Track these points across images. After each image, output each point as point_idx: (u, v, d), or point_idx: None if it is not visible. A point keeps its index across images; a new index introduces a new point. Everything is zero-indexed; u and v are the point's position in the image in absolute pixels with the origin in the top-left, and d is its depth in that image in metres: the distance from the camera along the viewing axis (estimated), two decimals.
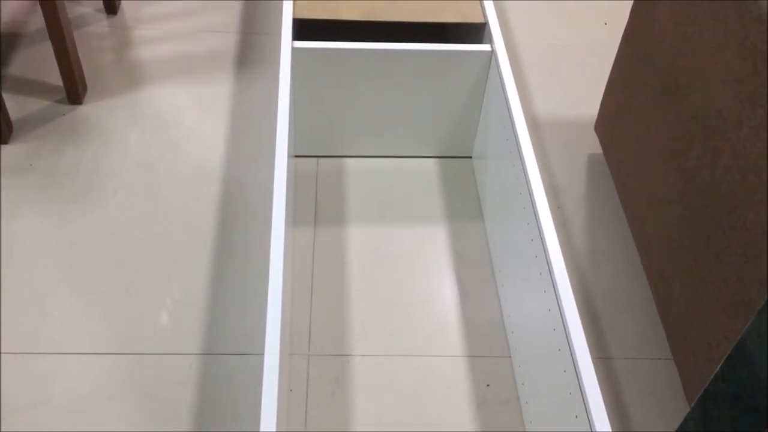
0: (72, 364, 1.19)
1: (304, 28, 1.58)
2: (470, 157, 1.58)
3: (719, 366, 0.73)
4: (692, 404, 0.79)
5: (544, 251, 1.07)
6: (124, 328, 1.25)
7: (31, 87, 1.66)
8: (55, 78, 1.67)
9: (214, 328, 1.25)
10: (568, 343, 0.96)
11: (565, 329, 0.97)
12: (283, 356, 1.01)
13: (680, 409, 1.20)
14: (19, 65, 1.71)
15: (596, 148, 1.62)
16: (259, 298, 1.30)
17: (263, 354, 0.93)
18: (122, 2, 1.90)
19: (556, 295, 1.01)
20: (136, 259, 1.35)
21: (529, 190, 1.15)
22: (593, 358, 1.26)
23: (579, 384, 0.92)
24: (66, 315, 1.26)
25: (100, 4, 1.88)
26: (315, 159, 1.55)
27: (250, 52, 1.79)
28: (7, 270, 1.31)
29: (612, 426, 1.18)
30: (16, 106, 1.60)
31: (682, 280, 1.14)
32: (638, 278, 1.38)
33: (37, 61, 1.72)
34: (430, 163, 1.56)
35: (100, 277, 1.32)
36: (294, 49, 1.36)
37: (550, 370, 1.03)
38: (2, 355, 1.20)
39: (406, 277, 1.35)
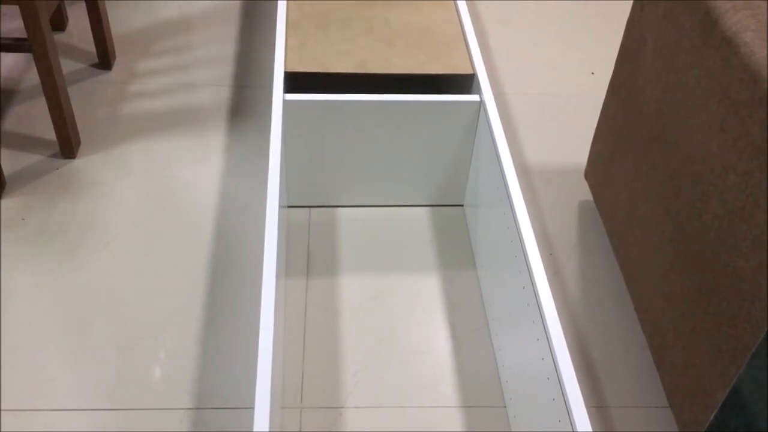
0: (63, 420, 1.17)
1: (296, 80, 1.60)
2: (462, 206, 1.59)
3: (713, 415, 0.72)
4: None
5: (536, 299, 1.07)
6: (116, 383, 1.23)
7: (24, 142, 1.67)
8: (48, 133, 1.69)
9: (206, 382, 1.24)
10: (562, 393, 0.95)
11: (558, 378, 0.97)
12: (275, 409, 1.00)
13: None
14: (13, 120, 1.72)
15: (587, 195, 1.63)
16: (251, 351, 1.29)
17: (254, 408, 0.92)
18: (116, 58, 1.92)
19: (549, 343, 1.01)
20: (128, 313, 1.34)
21: (519, 238, 1.16)
22: (588, 407, 1.24)
23: None
24: (57, 371, 1.24)
25: (95, 60, 1.91)
26: (307, 209, 1.56)
27: (242, 105, 1.81)
28: None
29: None
30: (10, 161, 1.61)
31: (675, 326, 1.14)
32: (632, 325, 1.37)
33: (32, 116, 1.73)
34: (422, 212, 1.57)
35: (91, 331, 1.30)
36: (285, 102, 1.37)
37: (545, 421, 1.02)
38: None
39: (399, 327, 1.34)
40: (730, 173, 0.98)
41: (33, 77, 1.85)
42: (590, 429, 0.89)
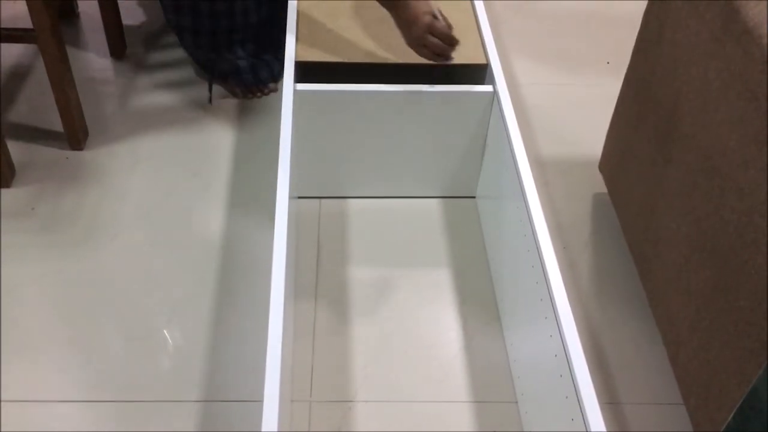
0: (71, 412, 1.17)
1: (306, 69, 1.58)
2: (474, 198, 1.57)
3: (731, 416, 0.71)
4: None
5: (549, 295, 1.05)
6: (123, 374, 1.22)
7: (33, 131, 1.66)
8: (57, 123, 1.68)
9: (215, 375, 1.23)
10: (576, 391, 0.93)
11: (572, 377, 0.95)
12: (284, 403, 0.99)
13: None
14: (22, 109, 1.72)
15: (601, 187, 1.61)
16: (260, 344, 1.28)
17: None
18: (127, 48, 1.91)
19: (562, 340, 0.99)
20: (136, 305, 1.33)
21: (533, 232, 1.14)
22: (601, 403, 1.22)
23: None
24: (65, 362, 1.24)
25: (106, 50, 1.89)
26: (317, 200, 1.54)
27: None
28: (6, 315, 1.30)
29: None
30: (19, 150, 1.60)
31: (691, 322, 1.12)
32: (647, 320, 1.35)
33: (40, 105, 1.72)
34: (434, 204, 1.55)
35: (98, 322, 1.30)
36: (296, 92, 1.36)
37: (557, 418, 1.00)
38: (1, 402, 1.18)
39: (410, 321, 1.33)
40: (750, 168, 0.96)
41: (42, 65, 1.83)
42: (604, 429, 0.88)
